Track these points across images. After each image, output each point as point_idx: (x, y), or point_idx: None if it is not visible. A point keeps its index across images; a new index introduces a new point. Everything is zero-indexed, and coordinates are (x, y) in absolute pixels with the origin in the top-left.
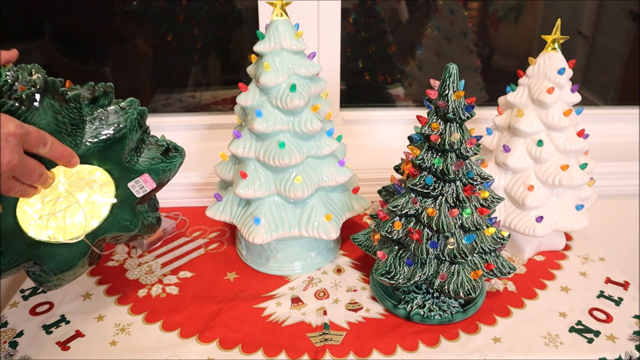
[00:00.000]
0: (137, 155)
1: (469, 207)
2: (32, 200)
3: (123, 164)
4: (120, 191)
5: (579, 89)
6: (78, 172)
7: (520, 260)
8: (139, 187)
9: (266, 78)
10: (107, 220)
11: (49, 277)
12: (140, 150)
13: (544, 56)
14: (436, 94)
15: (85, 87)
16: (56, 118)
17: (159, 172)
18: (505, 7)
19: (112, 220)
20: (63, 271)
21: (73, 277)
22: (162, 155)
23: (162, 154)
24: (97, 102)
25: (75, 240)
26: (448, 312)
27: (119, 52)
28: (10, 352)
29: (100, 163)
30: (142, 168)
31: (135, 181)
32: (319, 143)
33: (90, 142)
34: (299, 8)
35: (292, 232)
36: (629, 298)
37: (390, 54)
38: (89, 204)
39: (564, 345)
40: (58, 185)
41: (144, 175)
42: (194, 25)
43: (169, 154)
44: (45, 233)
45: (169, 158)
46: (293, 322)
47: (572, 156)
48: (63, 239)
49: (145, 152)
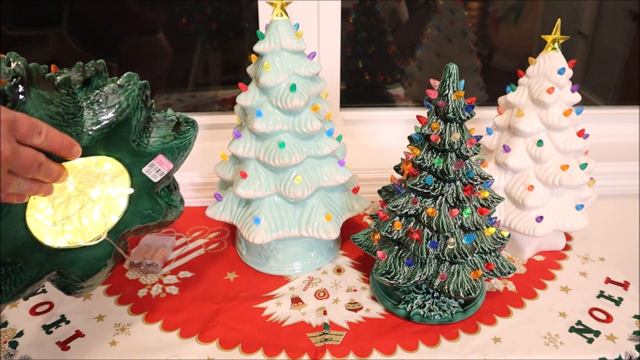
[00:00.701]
0: (147, 136)
1: (469, 207)
2: (41, 206)
3: (133, 148)
4: (135, 179)
5: (579, 89)
6: (85, 166)
7: (520, 260)
8: (154, 170)
9: (266, 78)
10: (127, 212)
11: (77, 284)
12: (149, 130)
13: (544, 56)
14: (436, 94)
15: (73, 69)
16: (49, 109)
17: (173, 150)
18: (505, 7)
19: (132, 212)
20: (90, 275)
21: (103, 279)
22: (173, 132)
23: (173, 129)
24: (91, 84)
25: (98, 241)
26: (448, 312)
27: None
28: (10, 352)
29: (107, 152)
30: (155, 149)
31: (149, 165)
32: (319, 143)
33: (93, 130)
34: (299, 8)
35: (292, 232)
36: (629, 298)
37: (390, 54)
38: (104, 198)
39: (564, 345)
40: (66, 186)
41: (158, 156)
42: (194, 24)
43: (180, 129)
44: (63, 239)
45: (181, 133)
46: (293, 322)
47: (572, 156)
48: (83, 242)
49: (155, 131)
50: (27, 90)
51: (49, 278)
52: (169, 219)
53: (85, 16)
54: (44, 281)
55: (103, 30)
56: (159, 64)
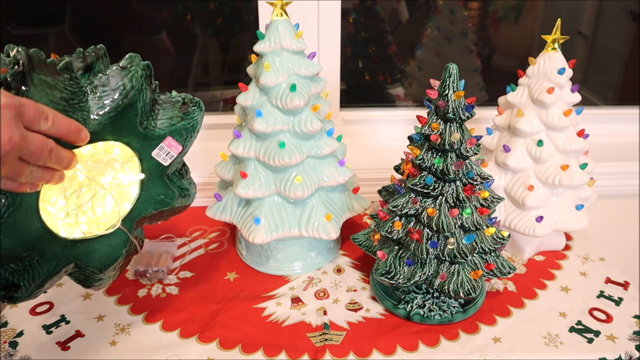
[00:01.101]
0: (153, 118)
1: (469, 207)
2: (52, 199)
3: (140, 131)
4: (145, 163)
5: (579, 89)
6: (92, 155)
7: (520, 260)
8: (164, 153)
9: (266, 78)
10: (139, 199)
11: (95, 275)
12: (156, 112)
13: (544, 56)
14: (436, 94)
15: (74, 56)
16: (53, 95)
17: (181, 132)
18: (505, 7)
19: (145, 198)
20: (107, 266)
21: (121, 269)
22: (180, 113)
23: (179, 110)
24: (93, 70)
25: (113, 229)
26: (448, 312)
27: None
28: (10, 352)
29: (115, 137)
30: (163, 131)
31: (159, 148)
32: (319, 143)
33: (99, 114)
34: (299, 8)
35: (292, 232)
36: (629, 298)
37: (390, 54)
38: (116, 186)
39: (564, 345)
40: (77, 175)
41: (166, 139)
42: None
43: (187, 109)
44: (78, 230)
45: (188, 114)
46: (293, 322)
47: (572, 156)
48: (98, 232)
49: (162, 113)
50: (29, 76)
51: (66, 272)
52: (182, 204)
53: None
54: (62, 275)
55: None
56: (161, 63)
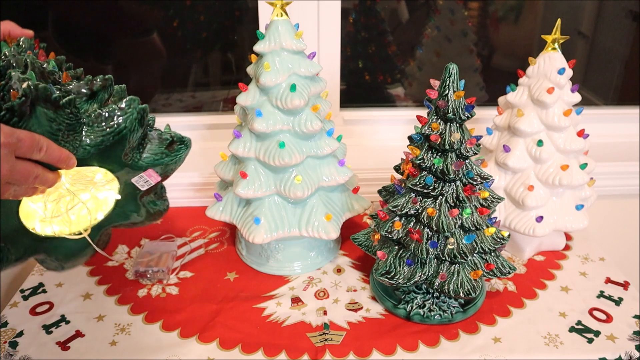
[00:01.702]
0: (140, 152)
1: (469, 207)
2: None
3: (125, 163)
4: (123, 186)
5: (579, 89)
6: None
7: (520, 260)
8: (143, 181)
9: (266, 78)
10: (112, 212)
11: (60, 264)
12: (143, 146)
13: (544, 56)
14: (436, 94)
15: (83, 82)
16: (51, 126)
17: (163, 165)
18: (505, 7)
19: (118, 212)
20: (72, 259)
21: (84, 260)
22: (166, 150)
23: (166, 147)
24: (96, 97)
25: (80, 237)
26: (448, 312)
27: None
28: (10, 352)
29: (100, 164)
30: (145, 164)
31: (139, 176)
32: (319, 143)
33: (89, 145)
34: (299, 8)
35: (292, 232)
36: (629, 298)
37: (390, 54)
38: (94, 198)
39: (564, 345)
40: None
41: (148, 170)
42: (195, 23)
43: (173, 147)
44: (50, 228)
45: (174, 151)
46: (293, 322)
47: (572, 156)
48: (68, 234)
49: (149, 148)
50: (33, 108)
51: (35, 258)
52: (149, 221)
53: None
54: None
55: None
56: (158, 64)
